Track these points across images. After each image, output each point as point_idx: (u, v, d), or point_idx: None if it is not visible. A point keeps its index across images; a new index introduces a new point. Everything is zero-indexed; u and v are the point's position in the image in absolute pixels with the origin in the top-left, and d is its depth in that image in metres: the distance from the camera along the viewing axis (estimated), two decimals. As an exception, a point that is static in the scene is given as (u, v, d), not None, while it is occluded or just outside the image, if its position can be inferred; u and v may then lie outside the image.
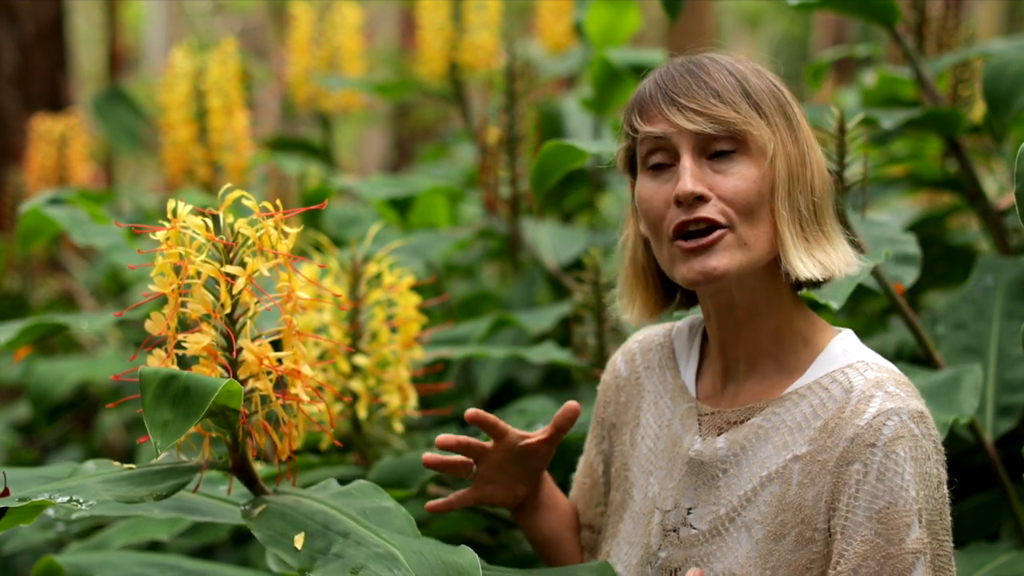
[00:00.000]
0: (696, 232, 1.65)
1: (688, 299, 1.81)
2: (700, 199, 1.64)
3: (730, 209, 1.64)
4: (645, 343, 1.90)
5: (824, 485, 1.61)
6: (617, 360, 1.92)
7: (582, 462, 1.95)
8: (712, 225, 1.64)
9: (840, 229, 1.73)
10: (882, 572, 1.57)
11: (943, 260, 3.29)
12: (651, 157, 1.68)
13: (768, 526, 1.64)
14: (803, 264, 1.67)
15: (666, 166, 1.67)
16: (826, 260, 1.68)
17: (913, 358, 2.65)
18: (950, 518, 1.63)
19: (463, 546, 1.60)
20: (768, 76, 1.71)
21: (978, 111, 3.12)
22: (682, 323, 1.88)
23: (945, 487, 1.63)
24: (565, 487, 2.00)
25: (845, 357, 1.69)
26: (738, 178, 1.65)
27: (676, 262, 1.67)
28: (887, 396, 1.61)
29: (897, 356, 2.73)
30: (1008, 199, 2.93)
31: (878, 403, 1.61)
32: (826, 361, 1.70)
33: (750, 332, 1.72)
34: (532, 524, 1.91)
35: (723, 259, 1.64)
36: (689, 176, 1.64)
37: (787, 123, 1.69)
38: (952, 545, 1.63)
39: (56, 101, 5.94)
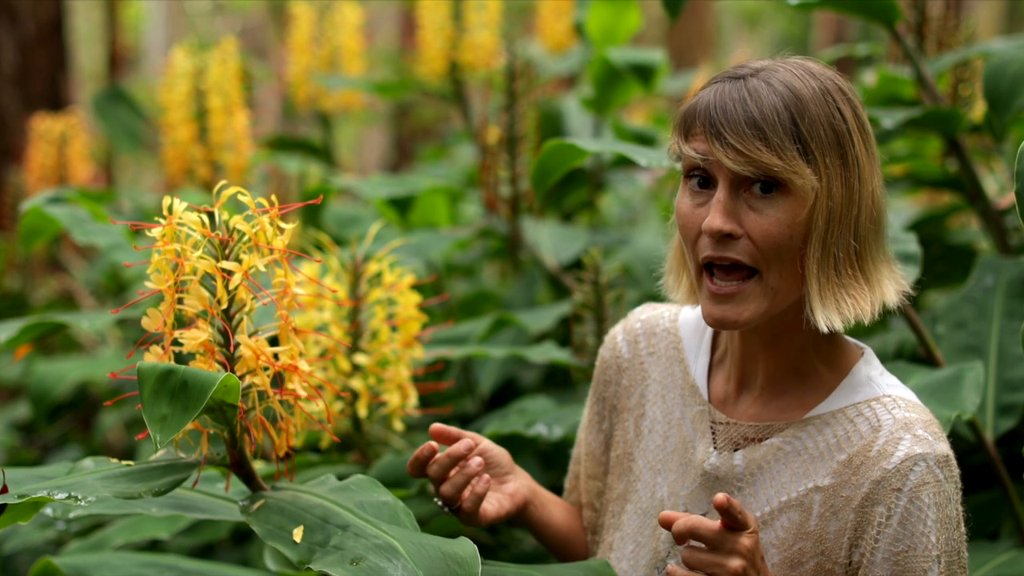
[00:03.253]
0: (722, 267, 1.62)
1: None
2: (729, 236, 1.61)
3: (758, 252, 1.61)
4: (649, 325, 1.87)
5: (847, 522, 1.62)
6: (618, 338, 1.89)
7: (582, 439, 1.93)
8: (736, 264, 1.61)
9: (887, 263, 1.69)
10: None
11: (943, 259, 3.28)
12: (691, 172, 1.65)
13: (784, 552, 1.65)
14: (825, 318, 1.62)
15: (705, 185, 1.64)
16: (856, 308, 1.63)
17: (914, 357, 2.65)
18: (967, 554, 1.65)
19: (463, 538, 1.60)
20: (833, 98, 1.63)
21: (978, 110, 3.12)
22: (689, 311, 1.85)
23: (963, 526, 1.64)
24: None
25: (871, 388, 1.68)
26: (772, 221, 1.60)
27: (703, 298, 1.65)
28: (915, 440, 1.61)
29: (898, 355, 2.72)
30: (1008, 198, 2.93)
31: (906, 447, 1.61)
32: (850, 388, 1.69)
33: (771, 353, 1.71)
34: (537, 517, 1.88)
35: (748, 309, 1.62)
36: (720, 212, 1.60)
37: (840, 160, 1.62)
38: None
39: (56, 101, 5.94)
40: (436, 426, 1.78)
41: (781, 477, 1.67)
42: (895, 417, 1.64)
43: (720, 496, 1.53)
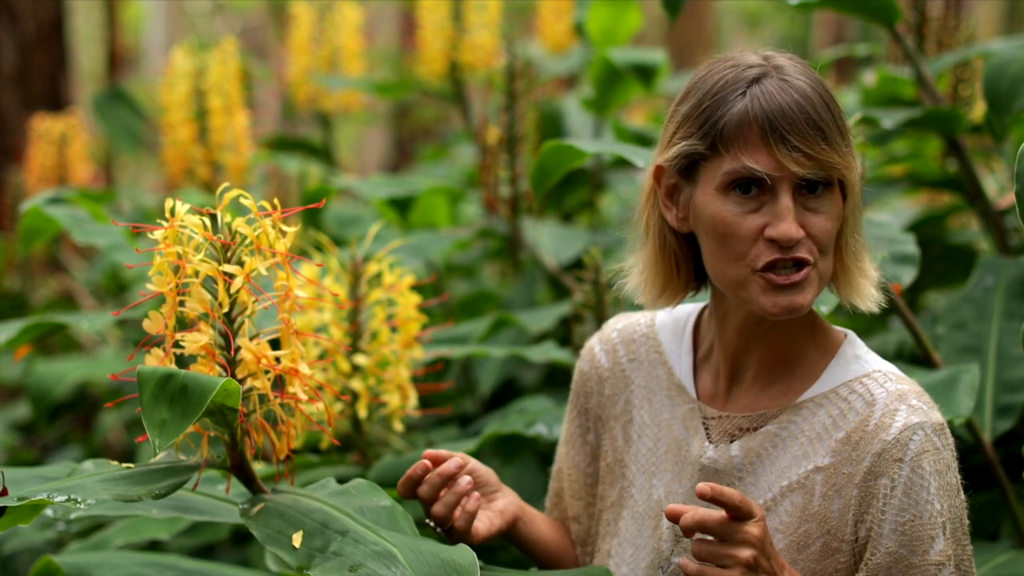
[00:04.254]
0: (784, 268, 1.62)
1: (700, 284, 1.77)
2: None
3: (816, 248, 1.62)
4: (626, 333, 1.86)
5: (851, 498, 1.63)
6: (596, 349, 1.88)
7: (563, 454, 1.92)
8: (800, 262, 1.62)
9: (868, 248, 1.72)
10: None
11: (943, 260, 3.29)
12: (738, 181, 1.62)
13: (790, 536, 1.65)
14: (852, 300, 1.69)
15: (753, 192, 1.61)
16: (870, 289, 1.70)
17: (913, 358, 2.65)
18: (967, 521, 1.66)
19: (461, 544, 1.60)
20: (827, 86, 1.66)
21: (978, 111, 3.12)
22: (664, 315, 1.85)
23: (963, 493, 1.65)
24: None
25: (860, 366, 1.69)
26: (827, 217, 1.62)
27: (755, 290, 1.62)
28: (911, 410, 1.62)
29: (897, 356, 2.73)
30: (1008, 199, 2.93)
31: (903, 417, 1.62)
32: (839, 368, 1.70)
33: (772, 339, 1.71)
34: (526, 533, 1.87)
35: (808, 295, 1.63)
36: (793, 220, 1.60)
37: (851, 146, 1.65)
38: (972, 548, 1.66)
39: (56, 101, 5.94)
40: (430, 452, 1.77)
41: (780, 462, 1.68)
42: (888, 390, 1.65)
43: (701, 485, 1.54)
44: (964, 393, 2.10)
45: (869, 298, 1.70)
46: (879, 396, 1.65)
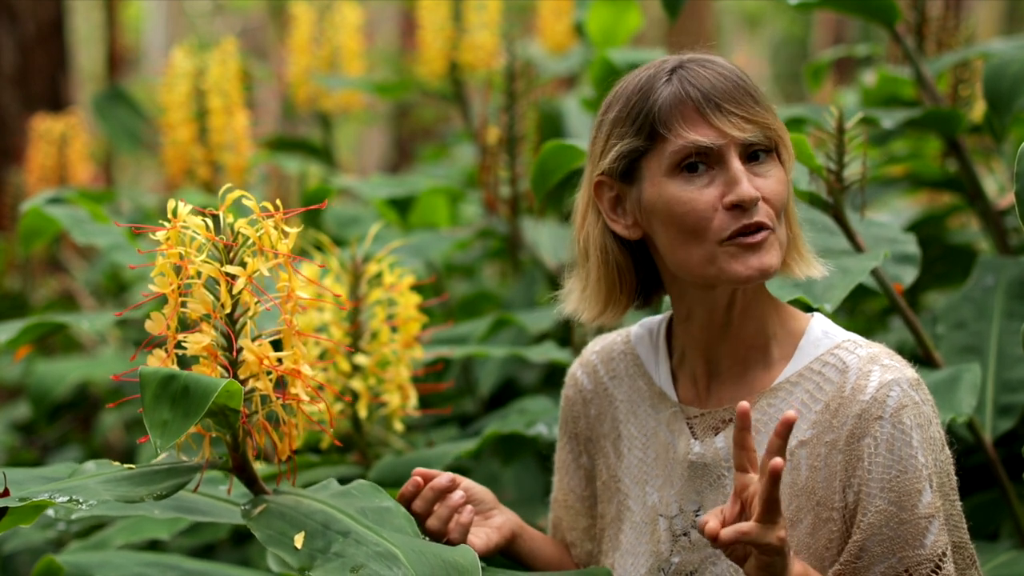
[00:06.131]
0: (748, 233, 1.64)
1: (647, 299, 1.79)
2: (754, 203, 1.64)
3: (773, 213, 1.65)
4: (604, 353, 1.88)
5: (836, 464, 1.63)
6: (578, 374, 1.91)
7: (558, 482, 1.93)
8: (761, 227, 1.64)
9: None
10: (896, 538, 1.60)
11: (943, 260, 3.29)
12: (685, 161, 1.64)
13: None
14: (805, 272, 1.72)
15: (701, 170, 1.64)
16: (814, 263, 1.74)
17: (913, 357, 2.65)
18: (955, 477, 1.67)
19: (463, 545, 1.60)
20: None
21: (978, 111, 3.13)
22: (638, 329, 1.86)
23: (947, 449, 1.66)
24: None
25: (828, 339, 1.71)
26: (775, 181, 1.65)
27: (725, 260, 1.63)
28: (884, 369, 1.64)
29: (897, 355, 2.72)
30: (1008, 199, 2.93)
31: (877, 376, 1.63)
32: (809, 346, 1.71)
33: (740, 328, 1.72)
34: (527, 549, 1.88)
35: (774, 257, 1.65)
36: (748, 181, 1.62)
37: (779, 117, 1.71)
38: (961, 504, 1.67)
39: (56, 101, 5.94)
40: (420, 469, 1.77)
41: (765, 446, 1.67)
42: (859, 355, 1.67)
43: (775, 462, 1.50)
44: (966, 392, 2.10)
45: (814, 266, 1.73)
46: (851, 362, 1.66)
